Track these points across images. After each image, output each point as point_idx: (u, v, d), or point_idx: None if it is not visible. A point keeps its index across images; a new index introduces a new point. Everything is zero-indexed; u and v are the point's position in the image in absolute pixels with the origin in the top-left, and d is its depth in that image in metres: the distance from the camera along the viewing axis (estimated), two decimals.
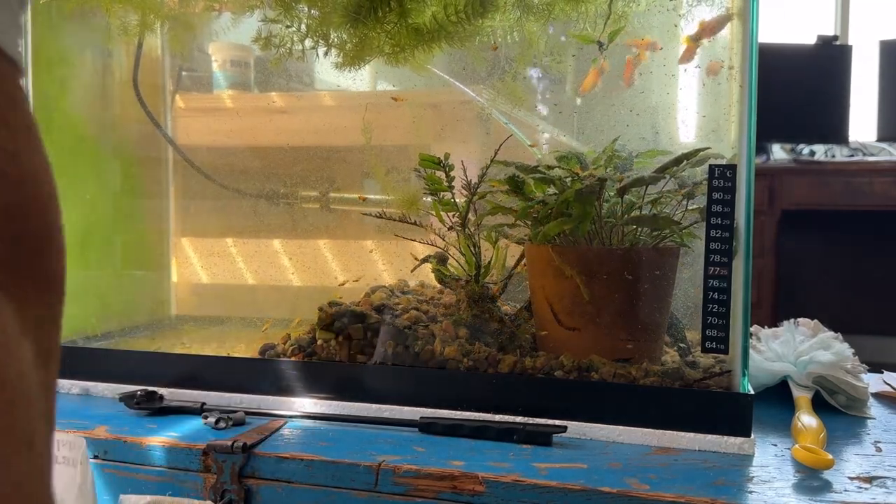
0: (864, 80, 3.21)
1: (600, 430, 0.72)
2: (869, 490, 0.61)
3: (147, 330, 1.14)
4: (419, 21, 0.78)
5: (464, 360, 0.80)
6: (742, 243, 0.72)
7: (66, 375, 0.90)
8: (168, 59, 1.19)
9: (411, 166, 0.88)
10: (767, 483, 0.62)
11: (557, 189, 0.78)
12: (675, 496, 0.59)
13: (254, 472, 0.68)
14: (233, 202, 1.14)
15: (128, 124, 1.15)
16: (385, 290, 0.95)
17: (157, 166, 1.20)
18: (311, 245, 1.12)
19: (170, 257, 1.22)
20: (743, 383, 0.71)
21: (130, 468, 0.72)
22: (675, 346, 0.84)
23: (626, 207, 0.78)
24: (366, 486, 0.65)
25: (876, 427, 0.80)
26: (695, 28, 0.79)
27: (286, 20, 0.84)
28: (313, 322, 0.88)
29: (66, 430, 0.72)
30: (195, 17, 1.06)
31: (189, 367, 0.86)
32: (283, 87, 1.12)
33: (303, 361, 0.84)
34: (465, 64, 0.91)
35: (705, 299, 0.71)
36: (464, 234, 0.84)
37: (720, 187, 0.71)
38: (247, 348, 0.95)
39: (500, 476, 0.62)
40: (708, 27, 0.78)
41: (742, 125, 0.72)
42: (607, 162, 0.83)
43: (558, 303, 0.78)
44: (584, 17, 0.81)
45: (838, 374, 0.85)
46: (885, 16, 3.37)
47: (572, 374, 0.76)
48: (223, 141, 1.16)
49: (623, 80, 0.84)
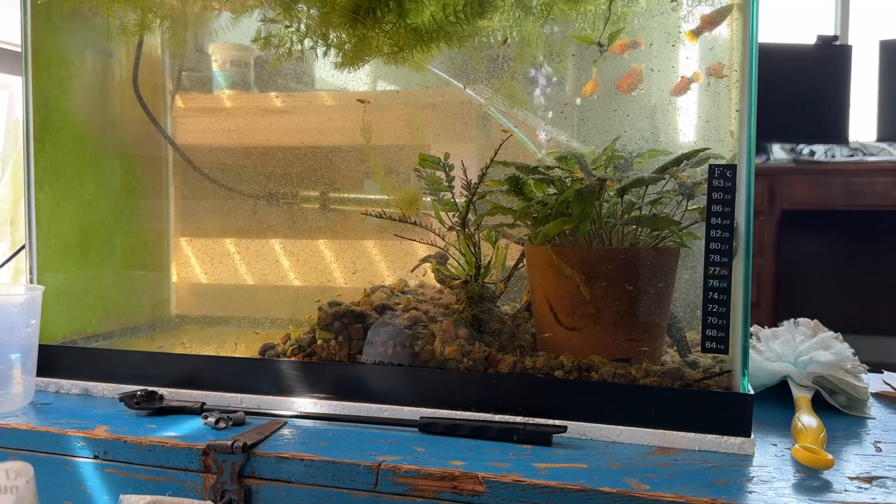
0: (864, 80, 3.21)
1: (600, 430, 0.72)
2: (869, 490, 0.61)
3: (147, 330, 1.14)
4: (418, 21, 0.78)
5: (464, 360, 0.80)
6: (742, 243, 0.72)
7: (67, 375, 0.90)
8: (168, 59, 1.19)
9: (411, 166, 0.88)
10: (767, 483, 0.62)
11: (557, 189, 0.78)
12: (675, 496, 0.59)
13: (254, 472, 0.68)
14: (233, 202, 1.14)
15: (128, 124, 1.15)
16: (385, 290, 0.95)
17: (157, 166, 1.20)
18: (311, 245, 1.12)
19: (170, 257, 1.22)
20: (743, 383, 0.71)
21: (130, 468, 0.72)
22: (674, 347, 0.84)
23: (626, 207, 0.78)
24: (366, 486, 0.65)
25: (876, 427, 0.80)
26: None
27: (285, 20, 0.84)
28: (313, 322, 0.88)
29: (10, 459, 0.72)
30: (195, 16, 1.06)
31: (189, 367, 0.86)
32: (282, 86, 1.12)
33: (303, 361, 0.84)
34: (464, 64, 0.92)
35: (705, 299, 0.71)
36: (464, 234, 0.84)
37: (720, 187, 0.71)
38: (247, 348, 0.95)
39: (500, 476, 0.62)
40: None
41: (742, 125, 0.72)
42: (607, 162, 0.83)
43: (558, 303, 0.78)
44: (583, 17, 0.81)
45: (838, 374, 0.85)
46: (885, 16, 3.37)
47: (572, 374, 0.76)
48: (223, 141, 1.16)
49: (619, 88, 0.83)
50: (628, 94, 0.84)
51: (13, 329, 0.82)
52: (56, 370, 0.91)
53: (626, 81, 0.83)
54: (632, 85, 0.83)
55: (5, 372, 0.82)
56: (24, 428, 0.76)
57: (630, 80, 0.83)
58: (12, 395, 0.82)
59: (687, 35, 0.79)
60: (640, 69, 0.83)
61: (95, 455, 0.73)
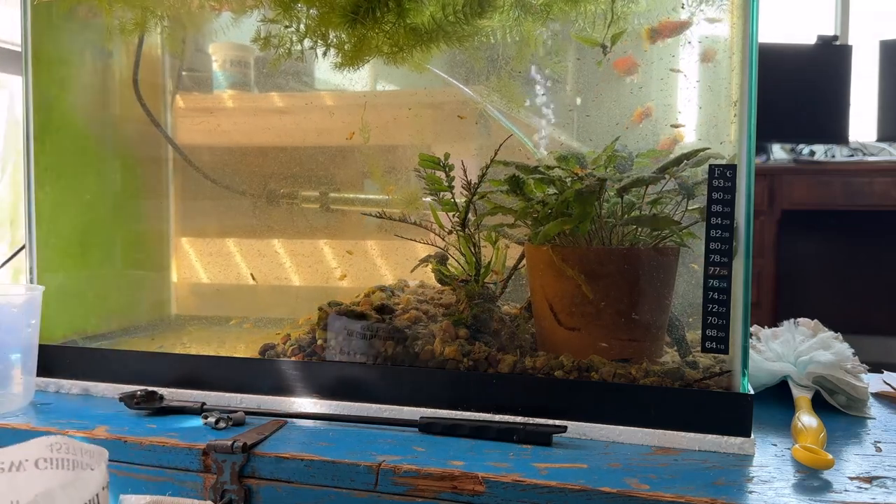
0: (864, 80, 3.20)
1: (600, 430, 0.72)
2: (869, 490, 0.61)
3: (147, 330, 1.14)
4: (417, 21, 0.78)
5: (464, 360, 0.80)
6: (742, 243, 0.72)
7: (67, 375, 0.90)
8: (168, 58, 1.19)
9: (411, 166, 0.88)
10: (767, 483, 0.62)
11: (557, 189, 0.78)
12: (675, 496, 0.59)
13: (254, 472, 0.68)
14: (233, 202, 1.14)
15: (128, 124, 1.15)
16: (385, 290, 0.96)
17: (157, 166, 1.20)
18: (311, 245, 1.12)
19: (170, 257, 1.22)
20: (743, 383, 0.71)
21: (130, 468, 0.72)
22: (674, 347, 0.84)
23: (626, 207, 0.78)
24: (366, 486, 0.65)
25: (876, 427, 0.80)
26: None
27: (285, 20, 0.84)
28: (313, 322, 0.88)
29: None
30: (194, 16, 1.06)
31: (189, 367, 0.86)
32: (283, 86, 1.12)
33: (303, 361, 0.84)
34: (464, 63, 0.92)
35: (705, 299, 0.71)
36: (464, 234, 0.84)
37: (720, 187, 0.71)
38: (247, 348, 0.95)
39: (500, 476, 0.62)
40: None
41: (742, 125, 0.72)
42: (607, 162, 0.83)
43: (558, 303, 0.78)
44: (583, 16, 0.81)
45: (838, 374, 0.85)
46: (885, 16, 3.37)
47: (572, 374, 0.76)
48: (223, 141, 1.16)
49: (615, 66, 0.83)
50: (623, 77, 0.84)
51: (13, 329, 0.82)
52: (56, 370, 0.91)
53: (624, 64, 0.83)
54: (628, 68, 0.83)
55: (5, 372, 0.82)
56: (24, 428, 0.76)
57: (627, 63, 0.83)
58: (12, 395, 0.82)
59: (645, 32, 0.79)
60: (633, 58, 0.83)
61: None
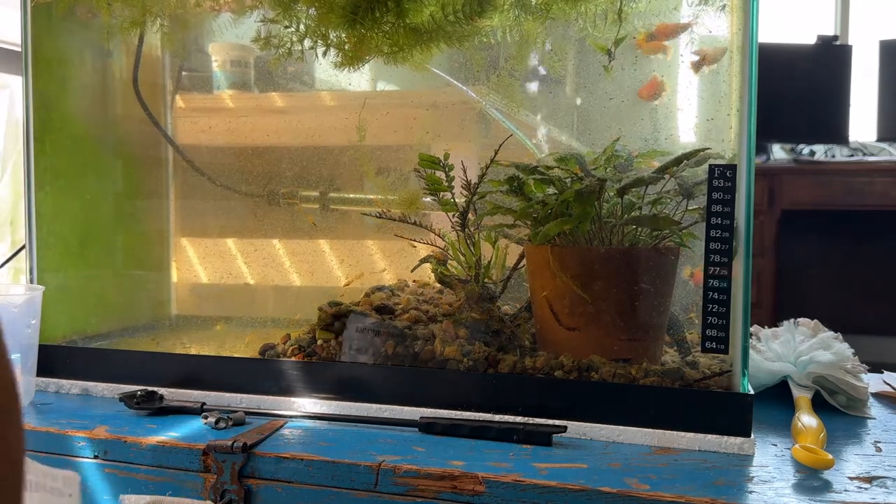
0: (864, 80, 3.20)
1: (600, 430, 0.72)
2: (869, 490, 0.61)
3: (147, 330, 1.14)
4: (417, 21, 0.78)
5: (464, 360, 0.80)
6: (742, 243, 0.72)
7: (67, 375, 0.90)
8: (168, 58, 1.19)
9: (410, 166, 0.88)
10: (767, 483, 0.62)
11: (557, 189, 0.78)
12: (675, 496, 0.59)
13: (254, 472, 0.68)
14: (233, 202, 1.14)
15: (128, 124, 1.15)
16: (385, 290, 0.95)
17: (157, 166, 1.20)
18: (311, 245, 1.12)
19: (170, 257, 1.22)
20: (743, 383, 0.71)
21: (130, 468, 0.72)
22: (674, 347, 0.84)
23: (626, 207, 0.78)
24: (366, 486, 0.65)
25: (876, 427, 0.80)
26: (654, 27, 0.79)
27: (285, 20, 0.84)
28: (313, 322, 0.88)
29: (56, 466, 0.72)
30: (195, 16, 1.06)
31: (189, 367, 0.86)
32: (283, 86, 1.12)
33: (303, 361, 0.84)
34: (464, 63, 0.91)
35: (705, 299, 0.71)
36: (464, 234, 0.84)
37: (720, 187, 0.71)
38: (247, 348, 0.95)
39: (500, 476, 0.62)
40: (664, 30, 0.78)
41: (742, 125, 0.72)
42: (607, 162, 0.83)
43: (558, 303, 0.78)
44: (583, 16, 0.81)
45: (838, 374, 0.85)
46: (885, 16, 3.37)
47: (572, 374, 0.76)
48: (223, 141, 1.16)
49: (640, 95, 0.83)
50: (649, 102, 0.84)
51: (13, 329, 0.82)
52: (56, 370, 0.91)
53: (648, 90, 0.83)
54: (653, 93, 0.83)
55: None
56: (25, 428, 0.76)
57: (651, 88, 0.83)
58: None
59: (639, 38, 0.79)
60: (659, 79, 0.83)
61: (95, 455, 0.73)
